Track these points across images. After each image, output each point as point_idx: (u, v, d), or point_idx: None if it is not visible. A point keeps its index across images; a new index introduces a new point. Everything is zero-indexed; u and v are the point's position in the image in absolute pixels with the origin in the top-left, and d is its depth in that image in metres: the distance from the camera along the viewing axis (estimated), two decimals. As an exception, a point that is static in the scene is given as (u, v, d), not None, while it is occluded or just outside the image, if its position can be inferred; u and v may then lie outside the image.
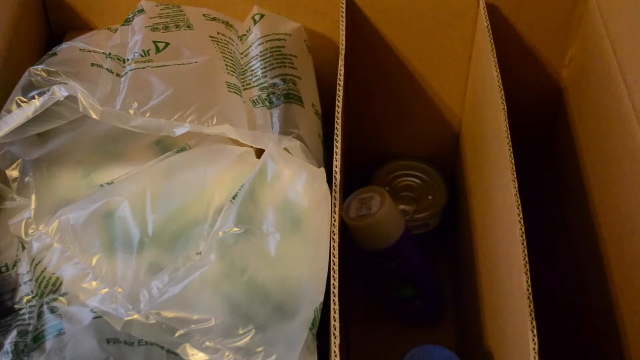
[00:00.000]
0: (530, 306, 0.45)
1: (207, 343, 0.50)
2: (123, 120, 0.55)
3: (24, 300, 0.55)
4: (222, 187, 0.55)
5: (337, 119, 0.56)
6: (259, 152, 0.57)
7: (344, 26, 0.63)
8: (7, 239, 0.57)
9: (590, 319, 0.66)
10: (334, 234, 0.51)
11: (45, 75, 0.56)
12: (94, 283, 0.53)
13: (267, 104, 0.59)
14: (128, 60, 0.59)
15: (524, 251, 0.48)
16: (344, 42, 0.62)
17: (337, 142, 0.55)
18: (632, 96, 0.57)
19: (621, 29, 0.61)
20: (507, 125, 0.55)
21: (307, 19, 0.70)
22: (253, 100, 0.59)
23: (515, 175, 0.52)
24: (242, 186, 0.54)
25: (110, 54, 0.60)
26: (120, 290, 0.52)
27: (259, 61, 0.62)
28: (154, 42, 0.61)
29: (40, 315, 0.53)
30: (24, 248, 0.56)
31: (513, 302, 0.49)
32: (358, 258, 0.71)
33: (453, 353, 0.55)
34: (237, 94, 0.59)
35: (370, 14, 0.70)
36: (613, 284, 0.60)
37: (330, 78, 0.63)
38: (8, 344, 0.52)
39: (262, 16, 0.67)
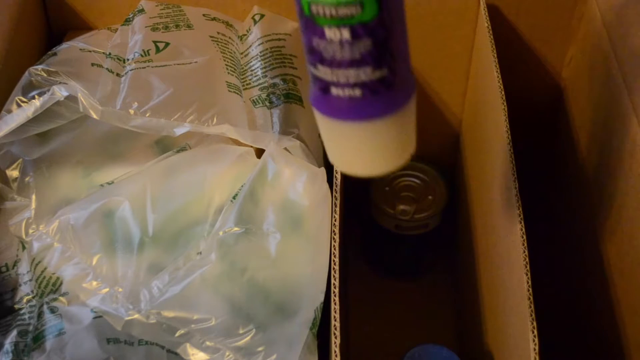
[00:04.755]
0: (530, 306, 0.45)
1: (208, 343, 0.50)
2: (123, 120, 0.55)
3: (24, 300, 0.55)
4: (222, 187, 0.55)
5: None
6: (259, 152, 0.57)
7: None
8: (7, 239, 0.57)
9: (591, 319, 0.66)
10: (334, 234, 0.51)
11: (45, 75, 0.56)
12: (94, 283, 0.53)
13: (267, 104, 0.59)
14: (128, 60, 0.59)
15: (524, 251, 0.48)
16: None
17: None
18: (632, 96, 0.57)
19: (621, 29, 0.61)
20: (508, 125, 0.55)
21: (307, 19, 0.70)
22: (253, 100, 0.59)
23: (515, 176, 0.52)
24: (242, 186, 0.54)
25: (110, 53, 0.60)
26: (120, 290, 0.52)
27: (259, 61, 0.62)
28: (154, 42, 0.61)
29: (40, 315, 0.53)
30: (24, 248, 0.56)
31: (513, 302, 0.49)
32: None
33: (453, 353, 0.55)
34: (237, 94, 0.59)
35: (371, 13, 0.69)
36: (614, 284, 0.60)
37: (330, 78, 0.63)
38: (8, 344, 0.52)
39: (262, 16, 0.67)
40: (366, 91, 0.35)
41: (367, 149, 0.38)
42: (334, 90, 0.36)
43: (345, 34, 0.34)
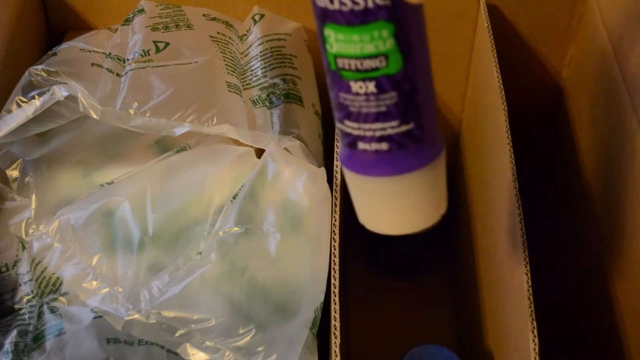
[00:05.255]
0: (530, 306, 0.45)
1: (208, 343, 0.50)
2: (123, 120, 0.55)
3: (24, 300, 0.55)
4: (222, 187, 0.55)
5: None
6: (259, 152, 0.57)
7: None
8: (7, 239, 0.57)
9: (591, 319, 0.66)
10: (334, 234, 0.51)
11: (45, 75, 0.56)
12: (94, 283, 0.53)
13: (267, 104, 0.59)
14: (128, 60, 0.59)
15: (524, 251, 0.48)
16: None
17: (337, 142, 0.55)
18: (632, 96, 0.57)
19: (621, 29, 0.61)
20: (508, 125, 0.55)
21: (307, 19, 0.70)
22: (253, 100, 0.59)
23: (515, 176, 0.52)
24: (242, 186, 0.54)
25: (110, 53, 0.60)
26: (120, 290, 0.52)
27: (259, 61, 0.62)
28: (154, 42, 0.61)
29: (40, 315, 0.53)
30: (24, 248, 0.56)
31: (513, 302, 0.49)
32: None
33: (453, 353, 0.55)
34: (237, 93, 0.59)
35: (371, 13, 0.69)
36: (614, 284, 0.60)
37: (330, 78, 0.63)
38: (8, 344, 0.52)
39: (262, 16, 0.67)
40: (393, 145, 0.35)
41: (395, 206, 0.37)
42: (361, 145, 0.36)
43: (371, 86, 0.34)
